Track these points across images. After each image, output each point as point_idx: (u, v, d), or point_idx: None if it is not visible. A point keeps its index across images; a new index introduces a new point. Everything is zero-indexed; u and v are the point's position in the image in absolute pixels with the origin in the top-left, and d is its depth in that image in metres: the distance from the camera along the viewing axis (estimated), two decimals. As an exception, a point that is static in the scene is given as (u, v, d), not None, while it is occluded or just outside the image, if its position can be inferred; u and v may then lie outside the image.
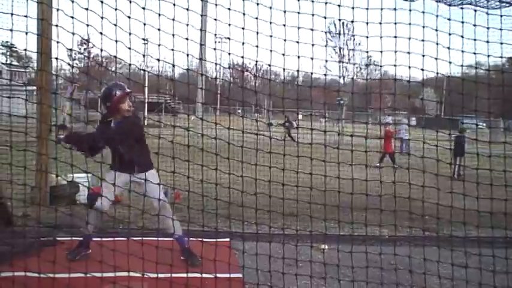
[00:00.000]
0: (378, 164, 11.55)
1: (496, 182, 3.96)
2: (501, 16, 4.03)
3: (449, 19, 3.84)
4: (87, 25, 2.60)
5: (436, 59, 3.71)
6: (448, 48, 3.72)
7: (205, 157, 3.66)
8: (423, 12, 3.68)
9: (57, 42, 2.57)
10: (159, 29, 3.24)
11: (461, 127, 13.28)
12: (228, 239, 4.91)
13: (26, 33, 2.77)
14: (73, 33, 2.54)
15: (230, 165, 3.67)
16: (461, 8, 4.11)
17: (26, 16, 2.86)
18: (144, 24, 3.10)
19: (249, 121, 4.17)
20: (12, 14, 2.79)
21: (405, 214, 4.02)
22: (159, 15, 3.25)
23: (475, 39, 3.84)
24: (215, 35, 3.60)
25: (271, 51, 3.46)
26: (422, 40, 3.66)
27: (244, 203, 3.93)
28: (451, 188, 3.65)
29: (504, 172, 3.89)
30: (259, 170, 3.82)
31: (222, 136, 3.78)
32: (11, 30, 2.75)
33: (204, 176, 3.53)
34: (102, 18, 2.80)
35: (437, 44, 3.70)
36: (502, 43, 3.85)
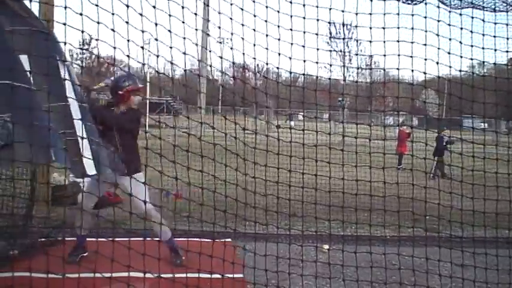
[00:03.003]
0: (399, 167, 11.59)
1: (482, 182, 3.98)
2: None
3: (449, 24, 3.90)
4: (98, 22, 2.57)
5: (428, 61, 3.77)
6: (436, 52, 3.77)
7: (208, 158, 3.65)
8: (425, 17, 3.71)
9: (65, 43, 2.58)
10: (169, 31, 3.21)
11: (440, 127, 12.98)
12: (229, 239, 4.91)
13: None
14: (82, 31, 2.52)
15: (234, 165, 3.67)
16: (460, 14, 4.17)
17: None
18: (156, 24, 3.07)
19: (252, 122, 4.17)
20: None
21: (404, 214, 4.05)
22: (170, 15, 3.22)
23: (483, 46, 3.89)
24: (221, 37, 3.61)
25: (279, 54, 3.50)
26: (425, 44, 3.70)
27: (247, 203, 3.92)
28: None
29: (472, 171, 3.95)
30: (261, 171, 3.82)
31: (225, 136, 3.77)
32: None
33: (208, 176, 3.52)
34: (113, 15, 2.74)
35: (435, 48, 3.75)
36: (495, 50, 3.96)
